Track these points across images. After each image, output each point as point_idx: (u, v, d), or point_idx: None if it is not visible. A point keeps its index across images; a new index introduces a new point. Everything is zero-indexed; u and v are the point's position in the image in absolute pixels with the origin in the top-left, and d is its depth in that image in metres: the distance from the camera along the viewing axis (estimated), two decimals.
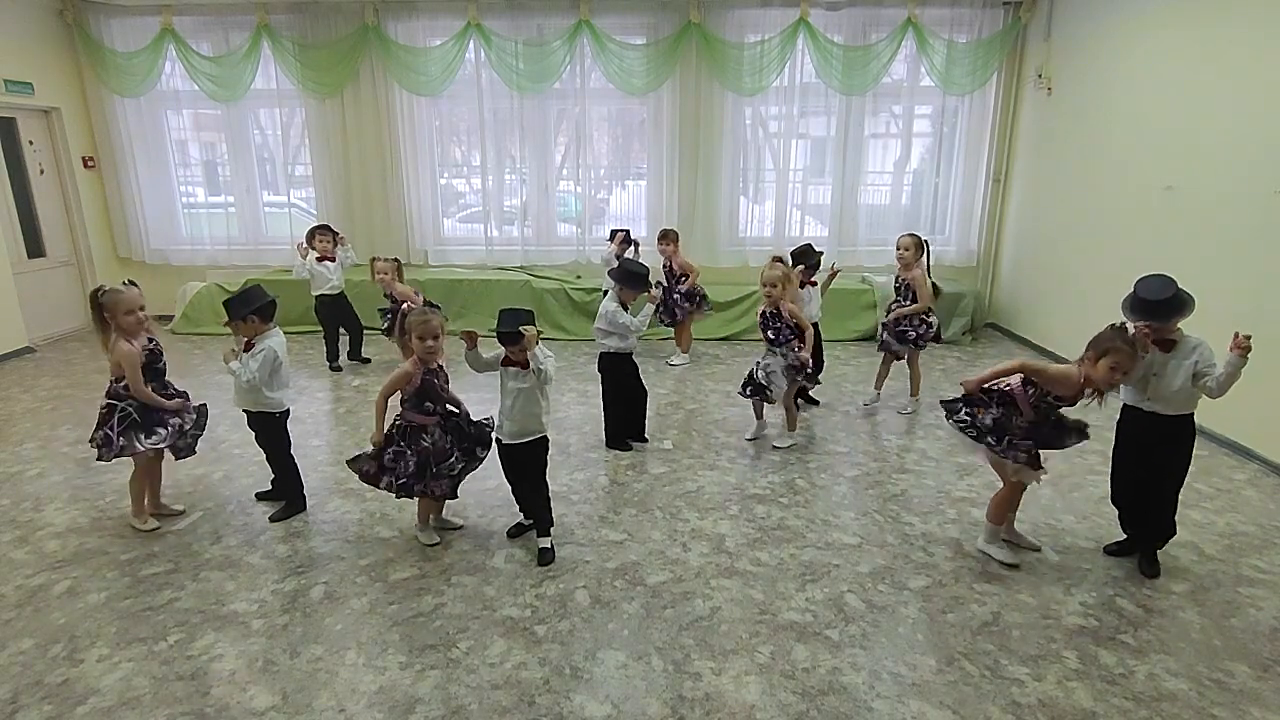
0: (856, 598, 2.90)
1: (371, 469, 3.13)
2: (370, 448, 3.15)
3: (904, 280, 4.75)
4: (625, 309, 4.12)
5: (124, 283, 3.23)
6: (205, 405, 3.53)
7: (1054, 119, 6.36)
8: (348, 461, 3.24)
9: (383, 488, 3.12)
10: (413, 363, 3.07)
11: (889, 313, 4.87)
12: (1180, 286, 2.76)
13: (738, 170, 7.44)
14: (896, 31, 6.75)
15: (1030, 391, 2.94)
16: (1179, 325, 2.84)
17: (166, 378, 3.41)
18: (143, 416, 3.23)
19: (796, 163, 7.44)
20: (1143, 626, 2.73)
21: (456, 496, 3.25)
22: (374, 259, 5.79)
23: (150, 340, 3.28)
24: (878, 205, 7.67)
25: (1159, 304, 2.76)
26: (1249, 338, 2.69)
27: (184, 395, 3.42)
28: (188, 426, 3.34)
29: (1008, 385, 2.98)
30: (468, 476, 3.30)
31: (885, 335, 4.87)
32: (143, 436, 3.21)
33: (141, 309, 3.18)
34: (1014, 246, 7.16)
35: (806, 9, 6.75)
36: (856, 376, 5.78)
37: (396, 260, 5.78)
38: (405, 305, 5.25)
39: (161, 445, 3.27)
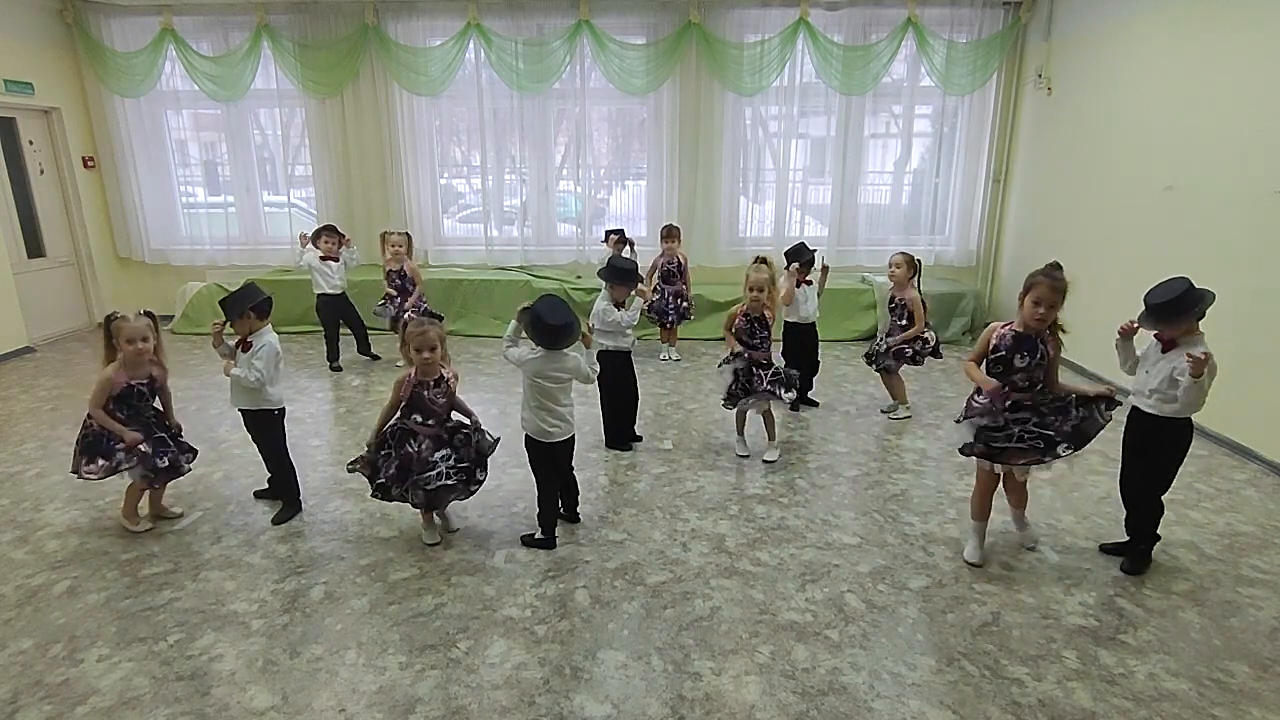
0: (856, 598, 2.90)
1: (367, 470, 3.16)
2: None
3: (899, 301, 4.69)
4: (619, 307, 4.12)
5: (138, 312, 3.17)
6: (192, 455, 3.44)
7: (1054, 119, 6.36)
8: (347, 465, 3.27)
9: (373, 488, 3.16)
10: (410, 372, 3.10)
11: (887, 335, 4.80)
12: (1192, 287, 2.72)
13: (737, 170, 7.44)
14: (896, 31, 6.75)
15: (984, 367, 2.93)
16: (1199, 327, 2.79)
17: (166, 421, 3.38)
18: (95, 441, 3.18)
19: (796, 163, 7.44)
20: (1143, 626, 2.72)
21: (431, 510, 3.25)
22: (386, 232, 5.85)
23: (149, 378, 3.23)
24: (877, 205, 7.67)
25: (1157, 308, 2.76)
26: (1202, 362, 2.62)
27: (177, 430, 3.42)
28: (129, 465, 3.17)
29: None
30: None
31: (888, 358, 4.74)
32: (85, 461, 3.17)
33: (145, 340, 3.13)
34: (1014, 246, 7.15)
35: (806, 9, 6.75)
36: (856, 376, 5.78)
37: (408, 235, 5.86)
38: (408, 315, 5.17)
39: (94, 479, 3.17)
